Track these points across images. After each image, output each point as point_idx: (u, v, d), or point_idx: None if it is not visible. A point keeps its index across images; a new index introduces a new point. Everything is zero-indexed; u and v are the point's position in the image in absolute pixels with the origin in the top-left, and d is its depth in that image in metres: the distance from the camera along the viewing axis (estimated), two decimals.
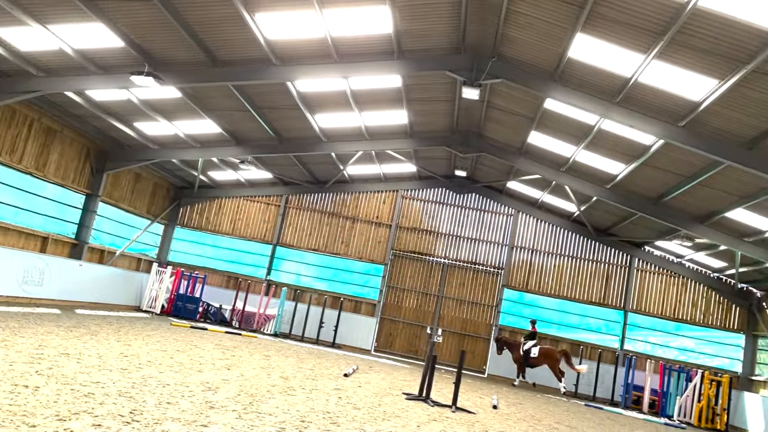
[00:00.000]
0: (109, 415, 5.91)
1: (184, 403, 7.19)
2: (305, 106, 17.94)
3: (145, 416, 6.15)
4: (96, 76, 15.32)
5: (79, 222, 21.49)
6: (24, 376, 7.03)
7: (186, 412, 6.67)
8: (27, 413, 5.44)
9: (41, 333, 11.12)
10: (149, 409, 6.48)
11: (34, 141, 18.35)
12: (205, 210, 27.94)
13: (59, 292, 18.71)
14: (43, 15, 12.63)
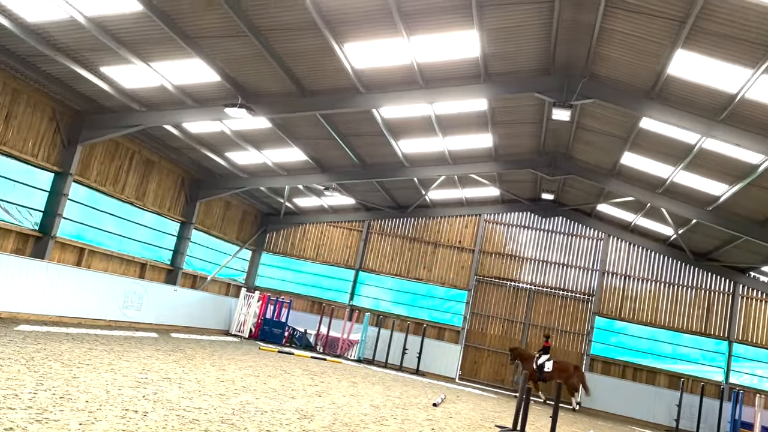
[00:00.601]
0: None
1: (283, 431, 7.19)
2: (389, 132, 18.05)
3: None
4: (192, 109, 16.06)
5: (174, 248, 22.46)
6: (132, 401, 7.25)
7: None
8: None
9: (143, 357, 11.56)
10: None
11: (134, 172, 19.42)
12: (290, 236, 28.55)
13: (156, 316, 19.49)
14: (147, 54, 13.39)
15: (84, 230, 18.02)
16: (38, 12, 11.73)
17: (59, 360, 9.19)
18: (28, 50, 13.28)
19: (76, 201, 17.26)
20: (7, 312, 13.50)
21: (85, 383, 7.77)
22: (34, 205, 15.86)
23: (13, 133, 14.70)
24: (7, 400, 6.04)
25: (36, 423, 5.41)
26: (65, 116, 16.11)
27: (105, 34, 12.37)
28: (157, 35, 12.54)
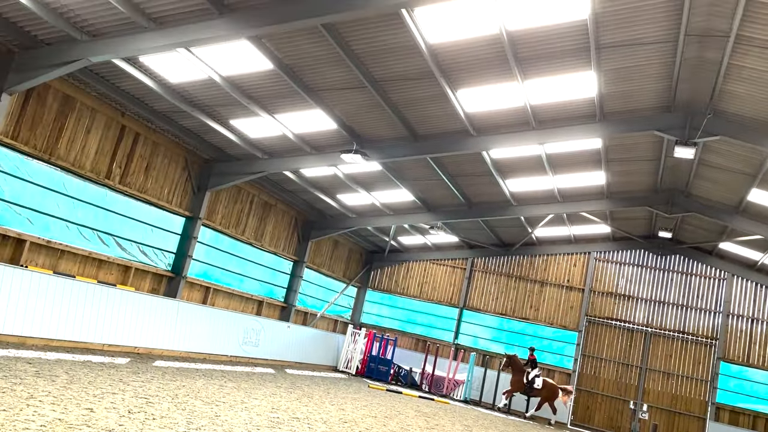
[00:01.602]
0: None
1: None
2: (497, 172, 18.08)
3: None
4: (310, 155, 16.91)
5: (288, 286, 23.42)
6: None
7: None
8: None
9: (269, 395, 12.09)
10: None
11: (254, 215, 20.60)
12: (394, 273, 28.93)
13: (271, 352, 20.28)
14: (273, 106, 14.34)
15: (209, 270, 19.24)
16: (180, 74, 12.93)
17: (199, 397, 9.82)
18: (168, 107, 14.61)
19: (203, 243, 18.51)
20: (145, 348, 14.60)
21: (227, 422, 8.26)
22: (167, 247, 17.18)
23: (152, 182, 16.11)
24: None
25: None
26: (195, 165, 17.45)
27: (237, 90, 13.40)
28: (283, 90, 13.44)
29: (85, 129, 13.97)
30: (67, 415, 6.62)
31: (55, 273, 13.25)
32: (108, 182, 14.76)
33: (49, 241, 13.47)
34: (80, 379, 9.08)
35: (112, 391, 8.68)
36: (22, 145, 12.60)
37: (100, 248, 14.95)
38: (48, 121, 13.09)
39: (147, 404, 8.26)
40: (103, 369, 10.57)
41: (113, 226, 15.29)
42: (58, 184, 13.70)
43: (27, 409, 6.44)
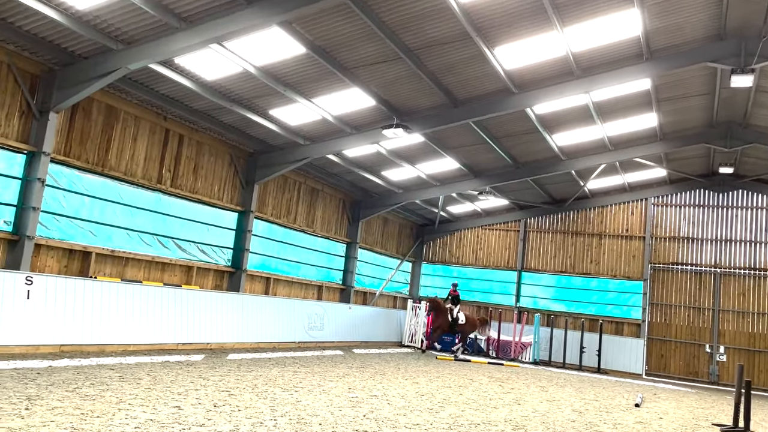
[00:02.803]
0: None
1: None
2: (543, 127, 17.60)
3: None
4: (351, 136, 16.81)
5: (344, 268, 23.58)
6: (357, 421, 7.66)
7: None
8: None
9: (342, 375, 12.20)
10: None
11: (302, 202, 20.73)
12: (447, 244, 28.76)
13: (336, 335, 20.51)
14: (309, 91, 14.27)
15: (267, 261, 19.51)
16: (216, 70, 12.96)
17: (277, 385, 9.97)
18: (208, 105, 14.71)
19: (257, 235, 18.74)
20: (217, 343, 14.94)
21: (309, 406, 8.35)
22: (224, 243, 17.46)
23: (201, 182, 16.34)
24: (257, 429, 6.65)
25: None
26: (241, 159, 17.61)
27: (273, 79, 13.37)
28: (318, 72, 13.33)
29: (132, 137, 14.22)
30: (158, 414, 6.79)
31: (122, 280, 13.64)
32: (160, 187, 15.03)
33: (113, 250, 13.85)
34: (162, 379, 9.33)
35: (194, 387, 8.89)
36: (75, 160, 12.92)
37: (161, 252, 15.30)
38: (96, 133, 13.37)
39: (230, 396, 8.43)
40: (181, 367, 10.85)
41: (171, 229, 15.61)
42: (113, 194, 14.02)
43: (119, 413, 6.63)
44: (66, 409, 6.56)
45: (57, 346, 11.09)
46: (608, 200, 25.45)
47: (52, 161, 12.32)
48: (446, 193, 22.95)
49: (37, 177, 11.79)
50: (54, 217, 12.69)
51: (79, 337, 11.53)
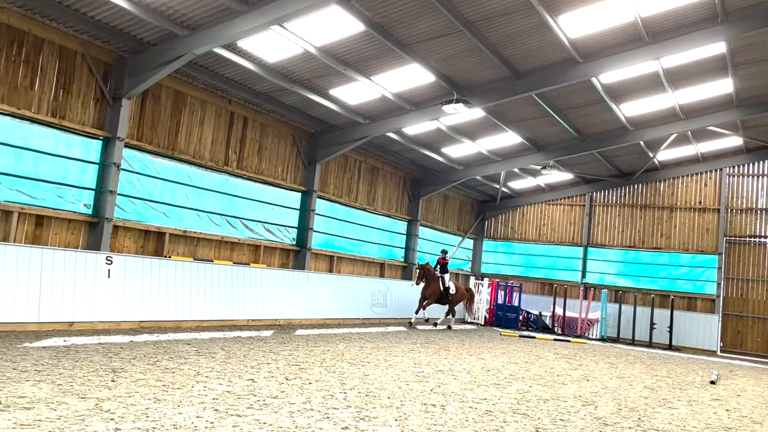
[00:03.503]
0: None
1: (576, 420, 7.12)
2: (610, 97, 16.99)
3: None
4: (410, 113, 16.74)
5: (405, 246, 23.68)
6: (424, 395, 7.74)
7: (585, 430, 6.57)
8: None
9: (407, 351, 12.32)
10: (549, 428, 6.54)
11: (363, 180, 20.89)
12: (509, 220, 28.39)
13: (398, 311, 20.69)
14: (369, 69, 14.27)
15: (330, 239, 19.82)
16: (277, 52, 13.13)
17: (344, 360, 10.17)
18: (270, 87, 14.95)
19: (320, 214, 19.04)
20: (284, 319, 15.36)
21: (377, 380, 8.49)
22: (289, 222, 17.84)
23: (266, 163, 16.69)
24: (327, 401, 6.82)
25: (362, 421, 6.02)
26: (303, 140, 17.86)
27: (333, 58, 13.44)
28: (377, 49, 13.30)
29: (199, 121, 14.65)
30: (233, 387, 7.06)
31: (195, 259, 14.18)
32: (226, 168, 15.46)
33: (185, 231, 14.39)
34: (235, 353, 9.69)
35: (265, 361, 9.19)
36: (147, 145, 13.44)
37: (230, 232, 15.79)
38: (165, 118, 13.84)
39: (300, 370, 8.67)
40: (252, 342, 11.23)
41: (238, 209, 16.07)
42: (183, 177, 14.53)
43: (197, 385, 6.93)
44: (148, 381, 6.91)
45: (136, 322, 11.68)
46: (679, 171, 24.42)
47: (126, 146, 12.85)
48: (508, 169, 22.58)
49: (112, 162, 12.35)
50: (130, 200, 13.29)
51: (156, 313, 12.11)
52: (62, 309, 10.51)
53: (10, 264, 9.87)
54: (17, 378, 6.37)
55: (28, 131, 11.39)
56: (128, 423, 5.10)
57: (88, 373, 6.99)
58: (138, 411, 5.52)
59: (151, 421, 5.22)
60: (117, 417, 5.25)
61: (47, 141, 11.69)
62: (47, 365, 7.24)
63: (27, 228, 11.36)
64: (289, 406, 6.34)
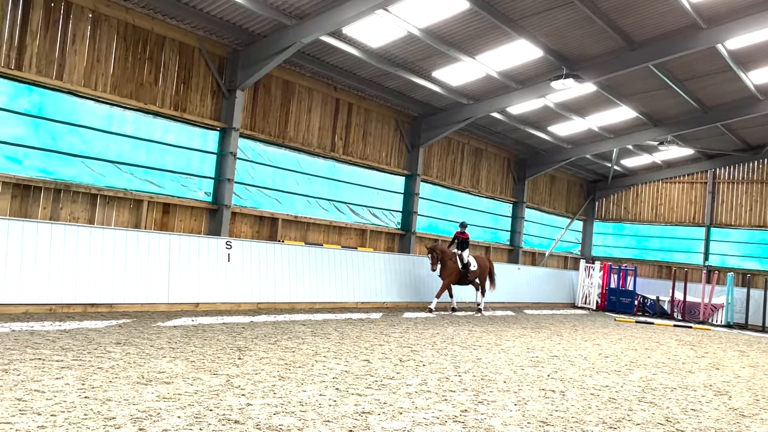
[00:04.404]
0: (648, 423, 5.78)
1: (709, 410, 6.65)
2: (737, 64, 15.60)
3: (683, 425, 5.84)
4: (516, 91, 16.26)
5: (511, 229, 23.19)
6: (541, 380, 7.53)
7: (720, 422, 6.12)
8: (577, 420, 5.68)
9: (517, 335, 12.09)
10: (680, 417, 6.16)
11: (467, 163, 20.62)
12: (622, 200, 27.02)
13: (505, 295, 20.33)
14: (473, 48, 13.98)
15: (434, 222, 19.78)
16: (381, 36, 13.17)
17: (455, 343, 10.13)
18: (374, 72, 15.05)
19: (424, 198, 19.03)
20: (392, 302, 15.55)
21: (490, 364, 8.38)
22: (393, 207, 17.98)
23: (370, 148, 16.88)
24: (443, 383, 6.80)
25: (480, 405, 5.95)
26: (406, 123, 17.88)
27: (436, 39, 13.29)
28: (482, 27, 12.99)
29: (306, 109, 15.03)
30: (350, 367, 7.22)
31: (306, 244, 14.65)
32: (333, 155, 15.79)
33: (296, 216, 14.89)
34: (349, 334, 9.91)
35: (378, 343, 9.34)
36: (259, 134, 13.98)
37: (337, 216, 16.15)
38: (275, 107, 14.33)
39: (412, 352, 8.73)
40: (363, 324, 11.45)
41: (344, 194, 16.39)
42: (293, 164, 15.01)
43: (317, 365, 7.15)
44: (271, 359, 7.22)
45: (254, 303, 12.26)
46: None
47: (241, 136, 13.44)
48: (621, 146, 21.44)
49: (229, 151, 12.96)
50: (245, 187, 13.91)
51: (272, 295, 12.64)
52: (189, 291, 11.22)
53: (142, 249, 10.64)
54: (155, 354, 6.86)
55: (153, 125, 12.19)
56: (258, 399, 5.34)
57: (216, 351, 7.40)
58: (265, 388, 5.77)
59: (278, 398, 5.43)
60: (247, 393, 5.51)
61: (170, 133, 12.45)
62: (180, 343, 7.75)
63: (155, 215, 12.20)
64: (406, 387, 6.38)
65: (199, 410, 4.81)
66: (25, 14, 10.12)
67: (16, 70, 10.04)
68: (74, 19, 10.72)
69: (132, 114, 11.80)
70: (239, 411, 4.90)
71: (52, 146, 10.73)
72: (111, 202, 11.45)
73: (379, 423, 4.94)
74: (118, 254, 10.28)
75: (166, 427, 4.32)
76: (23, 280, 9.13)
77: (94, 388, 5.17)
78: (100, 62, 11.09)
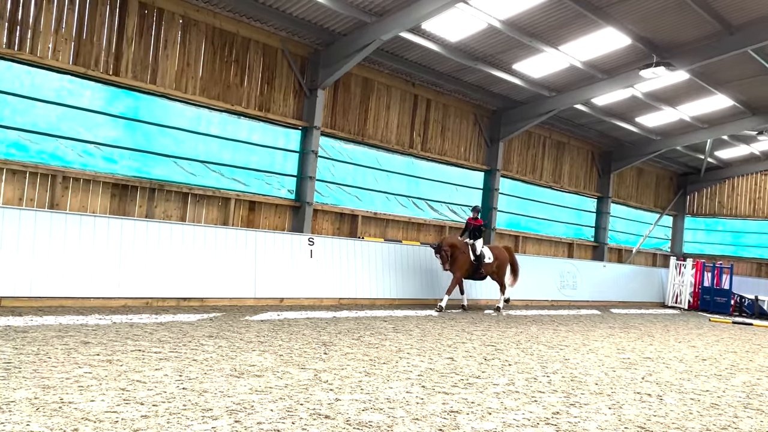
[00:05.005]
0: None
1: None
2: None
3: None
4: (602, 81, 15.64)
5: (595, 224, 22.38)
6: (635, 383, 7.18)
7: None
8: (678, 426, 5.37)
9: (605, 336, 11.62)
10: None
11: (548, 157, 20.06)
12: (716, 194, 25.49)
13: (590, 294, 19.65)
14: (556, 38, 13.56)
15: (514, 219, 19.38)
16: (460, 30, 13.00)
17: (540, 342, 9.85)
18: (453, 66, 14.89)
19: (504, 193, 18.68)
20: (471, 299, 15.33)
21: (579, 365, 8.08)
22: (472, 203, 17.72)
23: (448, 144, 16.74)
24: (531, 384, 6.61)
25: (572, 407, 5.73)
26: (484, 118, 17.60)
27: (518, 31, 12.97)
28: (566, 17, 12.56)
29: (385, 106, 15.08)
30: (435, 364, 7.15)
31: (385, 240, 14.71)
32: (411, 151, 15.76)
33: (375, 213, 14.98)
34: (430, 331, 9.85)
35: (461, 340, 9.22)
36: (339, 132, 14.15)
37: (416, 213, 16.13)
38: (355, 105, 14.45)
39: (496, 351, 8.56)
40: (444, 321, 11.36)
41: (422, 190, 16.34)
42: (372, 161, 15.10)
43: (401, 361, 7.13)
44: (356, 355, 7.27)
45: (336, 299, 12.42)
46: None
47: (322, 134, 13.65)
48: (715, 136, 20.21)
49: (311, 149, 13.20)
50: (326, 185, 14.13)
51: (353, 291, 12.77)
52: (274, 286, 11.51)
53: (230, 245, 11.01)
54: (245, 348, 7.06)
55: (239, 125, 12.58)
56: (346, 394, 5.38)
57: (302, 346, 7.54)
58: (352, 383, 5.81)
59: (366, 394, 5.45)
60: (335, 388, 5.56)
61: (255, 133, 12.81)
62: (267, 337, 7.94)
63: (242, 213, 12.60)
64: (493, 387, 6.25)
65: (290, 404, 4.90)
66: (122, 22, 10.68)
67: (114, 75, 10.62)
68: (166, 24, 11.22)
69: (219, 115, 12.23)
70: (329, 406, 4.95)
71: (146, 147, 11.28)
72: (201, 200, 11.92)
73: (469, 423, 4.85)
74: (208, 250, 10.68)
75: (261, 420, 4.41)
76: (122, 274, 9.66)
77: (190, 380, 5.37)
78: (189, 66, 11.56)
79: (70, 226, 9.24)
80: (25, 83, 9.98)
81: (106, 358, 5.91)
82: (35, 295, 8.84)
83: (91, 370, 5.41)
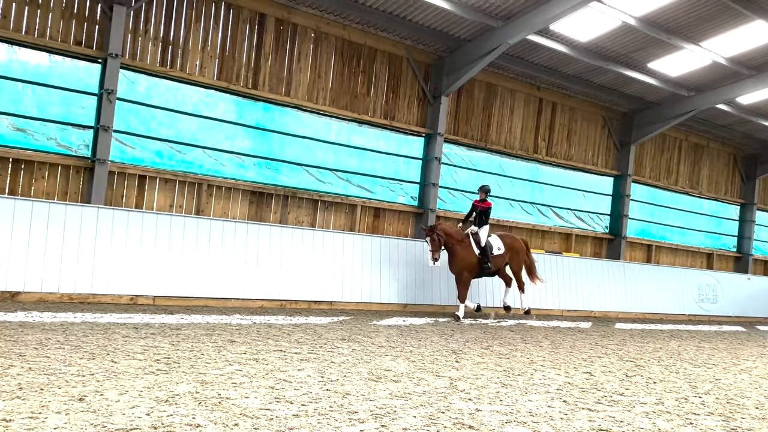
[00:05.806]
0: None
1: None
2: None
3: None
4: (748, 79, 14.40)
5: (738, 233, 20.59)
6: None
7: None
8: None
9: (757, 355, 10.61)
10: None
11: (684, 161, 18.75)
12: None
13: (732, 308, 18.07)
14: (697, 34, 12.66)
15: (647, 227, 18.28)
16: (591, 30, 12.49)
17: (683, 360, 9.17)
18: (581, 68, 14.35)
19: (635, 200, 17.68)
20: (600, 311, 14.64)
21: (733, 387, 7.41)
22: (601, 209, 16.95)
23: (575, 148, 16.13)
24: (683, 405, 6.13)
25: None
26: (614, 121, 16.77)
27: (654, 27, 12.26)
28: (709, 10, 11.71)
29: (509, 111, 14.81)
30: (572, 378, 6.85)
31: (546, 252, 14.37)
32: (536, 156, 15.34)
33: (498, 220, 14.73)
34: (561, 343, 9.48)
35: (595, 354, 8.79)
36: (462, 138, 14.07)
37: (540, 220, 15.67)
38: (478, 111, 14.32)
39: (637, 367, 8.06)
40: (574, 333, 10.89)
41: (547, 197, 15.85)
42: (495, 167, 14.87)
43: (536, 374, 6.90)
44: (488, 365, 7.13)
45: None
46: None
47: (445, 141, 13.64)
48: None
49: (434, 156, 13.23)
50: (449, 191, 14.09)
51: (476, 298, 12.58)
52: (398, 292, 11.61)
53: (356, 251, 11.26)
54: (378, 352, 7.16)
55: (365, 133, 12.87)
56: (485, 405, 5.27)
57: (433, 353, 7.52)
58: (490, 393, 5.69)
59: (506, 405, 5.31)
60: (474, 398, 5.47)
61: (381, 141, 13.05)
62: (397, 342, 8.01)
63: (368, 219, 12.87)
64: (640, 406, 5.87)
65: (431, 411, 4.87)
66: (260, 38, 11.31)
67: (253, 89, 11.25)
68: (299, 39, 11.74)
69: (346, 124, 12.58)
70: (470, 416, 4.87)
71: (278, 156, 11.84)
72: (330, 206, 12.32)
73: None
74: (336, 255, 10.99)
75: (406, 426, 4.42)
76: (259, 277, 10.17)
77: (332, 381, 5.51)
78: (320, 77, 12.01)
79: (214, 231, 9.88)
80: (169, 98, 10.84)
81: (252, 357, 6.22)
82: (184, 295, 9.53)
83: (241, 368, 5.71)
